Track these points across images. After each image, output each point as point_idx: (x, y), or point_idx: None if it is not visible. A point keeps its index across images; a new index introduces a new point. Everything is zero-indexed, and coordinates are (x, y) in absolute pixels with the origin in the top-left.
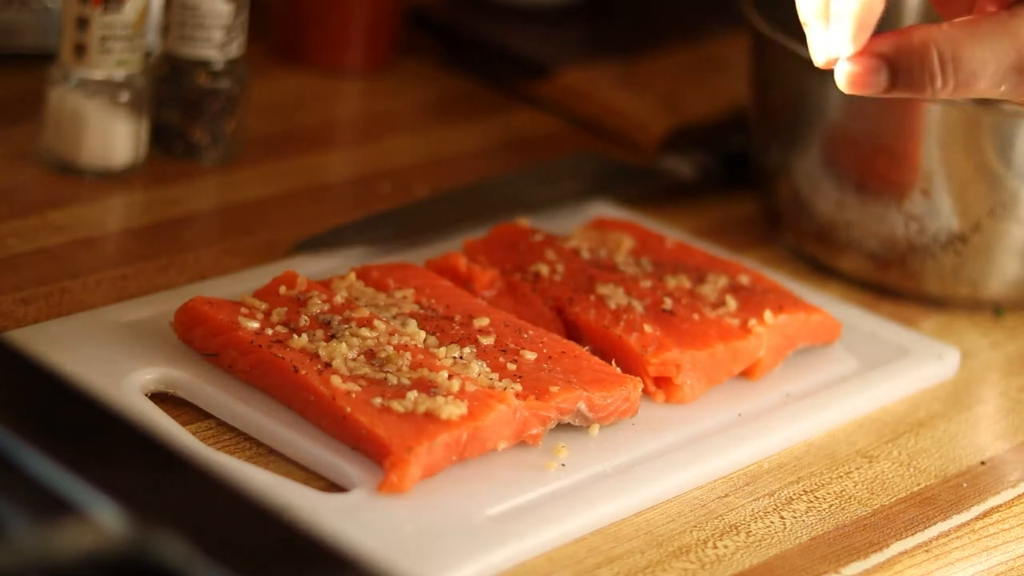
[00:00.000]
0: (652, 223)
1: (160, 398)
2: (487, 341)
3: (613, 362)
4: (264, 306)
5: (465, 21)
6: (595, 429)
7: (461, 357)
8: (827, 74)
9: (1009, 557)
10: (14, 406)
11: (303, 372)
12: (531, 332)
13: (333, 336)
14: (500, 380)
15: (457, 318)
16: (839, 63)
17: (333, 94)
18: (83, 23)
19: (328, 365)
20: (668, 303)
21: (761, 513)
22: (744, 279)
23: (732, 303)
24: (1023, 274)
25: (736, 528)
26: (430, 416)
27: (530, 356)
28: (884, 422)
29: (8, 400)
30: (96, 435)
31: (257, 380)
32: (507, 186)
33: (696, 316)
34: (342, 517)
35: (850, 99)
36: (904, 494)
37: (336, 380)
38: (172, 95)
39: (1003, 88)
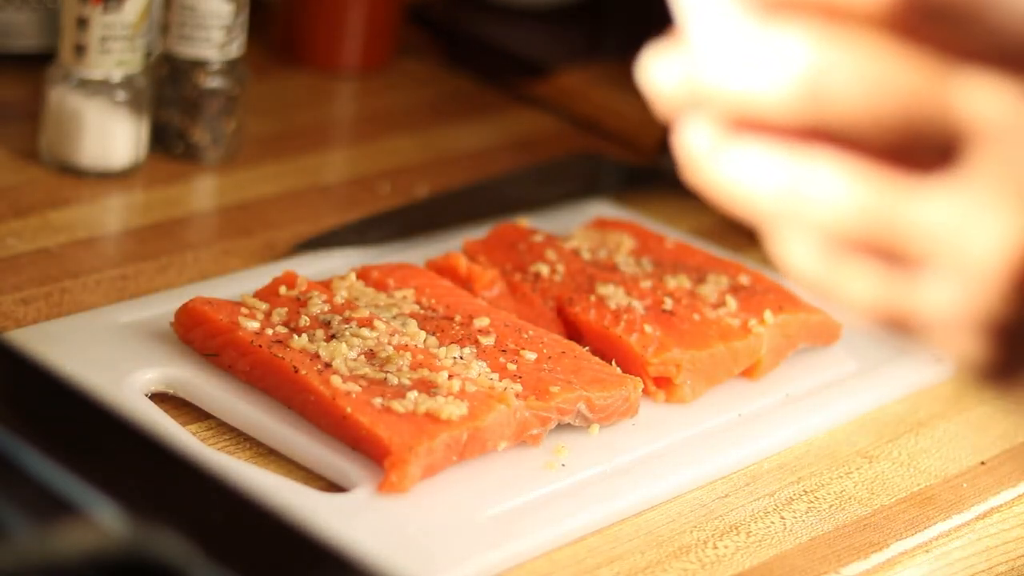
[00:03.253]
0: (652, 223)
1: (160, 398)
2: (487, 341)
3: (613, 362)
4: (264, 306)
5: (465, 21)
6: (595, 429)
7: (461, 357)
8: None
9: (1009, 557)
10: (14, 406)
11: (303, 372)
12: (531, 332)
13: (333, 336)
14: (500, 380)
15: (457, 318)
16: None
17: (333, 94)
18: (83, 23)
19: (328, 365)
20: (668, 303)
21: (761, 513)
22: (744, 279)
23: (732, 303)
24: None
25: (736, 528)
26: (430, 416)
27: (530, 356)
28: (884, 422)
29: (8, 400)
30: (96, 435)
31: (257, 380)
32: (507, 186)
33: (696, 316)
34: (342, 517)
35: None
36: (904, 494)
37: (336, 380)
38: (172, 95)
39: None
